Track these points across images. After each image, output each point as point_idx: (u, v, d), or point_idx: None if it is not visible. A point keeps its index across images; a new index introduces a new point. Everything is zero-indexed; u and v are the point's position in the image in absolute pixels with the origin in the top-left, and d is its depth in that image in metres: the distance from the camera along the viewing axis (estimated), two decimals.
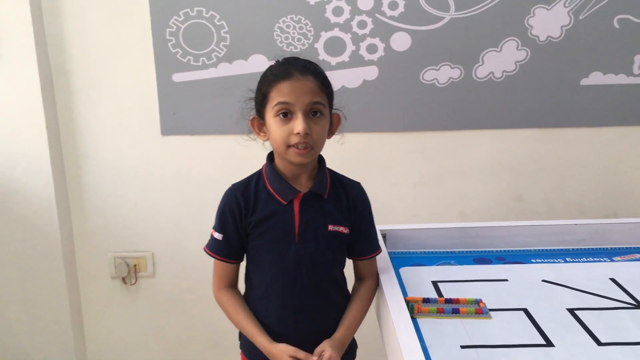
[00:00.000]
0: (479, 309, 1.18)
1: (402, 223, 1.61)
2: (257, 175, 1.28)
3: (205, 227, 2.06)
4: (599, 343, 1.07)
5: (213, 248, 1.29)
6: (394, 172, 2.05)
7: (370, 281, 1.32)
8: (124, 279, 2.14)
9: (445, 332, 1.12)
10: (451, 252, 1.54)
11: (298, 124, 1.14)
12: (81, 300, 2.18)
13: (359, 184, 1.33)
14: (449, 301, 1.20)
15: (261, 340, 1.23)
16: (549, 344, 1.07)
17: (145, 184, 2.06)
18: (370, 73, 1.93)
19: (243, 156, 2.02)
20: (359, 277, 1.35)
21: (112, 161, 2.04)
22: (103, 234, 2.11)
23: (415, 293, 1.27)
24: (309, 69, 1.18)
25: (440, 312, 1.17)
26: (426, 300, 1.20)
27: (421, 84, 1.94)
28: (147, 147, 2.02)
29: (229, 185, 1.30)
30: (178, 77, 1.95)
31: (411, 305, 1.16)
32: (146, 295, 2.17)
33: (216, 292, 1.31)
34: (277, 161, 1.26)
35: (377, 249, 1.33)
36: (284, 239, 1.24)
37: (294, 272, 1.24)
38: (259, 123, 1.24)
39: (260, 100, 1.21)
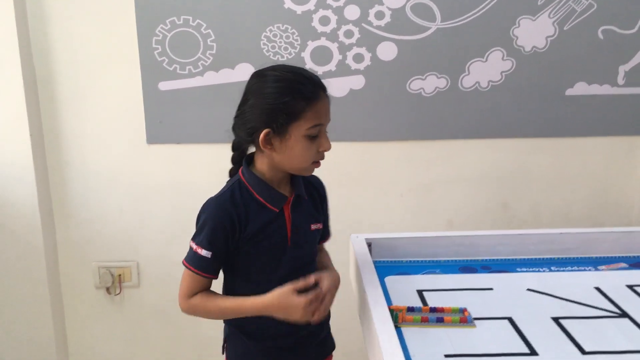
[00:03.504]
0: (463, 318, 1.17)
1: (390, 232, 1.60)
2: (238, 185, 1.22)
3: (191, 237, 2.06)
4: (583, 352, 1.07)
5: (197, 265, 1.20)
6: (381, 181, 2.04)
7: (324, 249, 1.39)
8: (108, 289, 2.11)
9: (430, 341, 1.11)
10: (437, 261, 1.53)
11: (326, 143, 1.18)
12: (64, 310, 2.15)
13: (318, 177, 1.34)
14: (433, 310, 1.19)
15: (253, 302, 1.18)
16: (533, 353, 1.07)
17: (131, 192, 2.04)
18: (357, 82, 1.93)
19: (229, 164, 2.02)
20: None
21: (97, 170, 2.02)
22: (87, 244, 2.09)
23: (400, 302, 1.26)
24: (324, 86, 1.19)
25: (425, 321, 1.16)
26: (410, 309, 1.19)
27: (408, 93, 1.95)
28: (132, 155, 2.01)
29: (215, 193, 1.26)
30: (164, 86, 1.94)
31: (395, 314, 1.15)
32: (131, 306, 2.15)
33: (185, 302, 1.23)
34: (263, 169, 1.22)
35: (330, 234, 1.39)
36: (279, 245, 1.22)
37: (288, 275, 1.22)
38: (270, 136, 1.16)
39: (287, 116, 1.13)
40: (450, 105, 1.96)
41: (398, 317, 1.15)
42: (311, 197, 1.30)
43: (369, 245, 1.49)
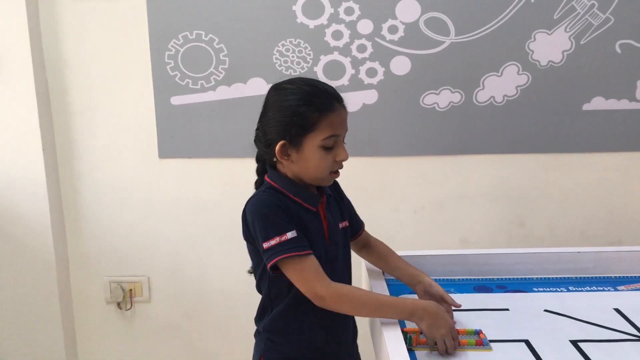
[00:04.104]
0: (479, 341, 1.14)
1: (403, 249, 1.57)
2: (270, 192, 1.20)
3: (203, 252, 2.06)
4: None
5: (296, 247, 1.12)
6: (395, 197, 2.02)
7: (378, 240, 1.43)
8: (119, 304, 2.10)
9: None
10: (451, 279, 1.50)
11: (343, 153, 1.19)
12: (75, 325, 2.14)
13: None
14: None
15: (414, 301, 1.15)
16: None
17: (142, 207, 2.04)
18: (370, 97, 1.92)
19: (242, 180, 2.00)
20: (366, 245, 1.42)
21: (109, 184, 2.02)
22: (98, 258, 2.08)
23: (412, 324, 1.23)
24: (340, 96, 1.20)
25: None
26: None
27: (421, 108, 1.93)
28: (144, 170, 2.01)
29: (227, 209, 1.23)
30: (176, 100, 1.93)
31: (409, 336, 1.12)
32: (142, 321, 2.13)
33: (326, 286, 1.12)
34: (290, 176, 1.21)
35: (362, 222, 1.41)
36: (320, 243, 1.21)
37: (335, 274, 1.20)
38: (286, 147, 1.17)
39: (301, 128, 1.15)
40: (465, 120, 1.93)
41: (412, 340, 1.12)
42: (333, 197, 1.31)
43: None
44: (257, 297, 2.07)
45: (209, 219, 2.04)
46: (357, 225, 1.38)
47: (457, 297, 1.39)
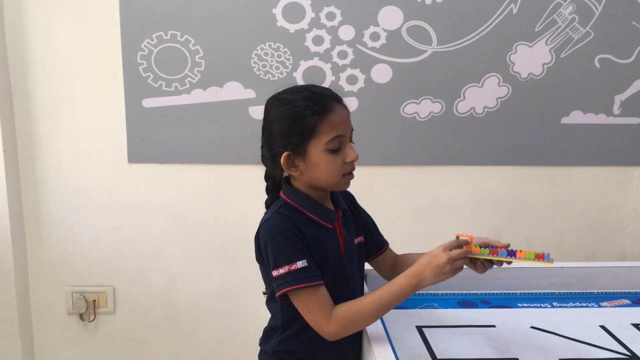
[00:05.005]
0: (539, 255, 1.10)
1: None
2: (285, 207, 1.15)
3: (172, 262, 1.98)
4: None
5: (306, 278, 1.08)
6: (373, 207, 1.95)
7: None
8: (81, 316, 2.00)
9: None
10: (434, 293, 1.46)
11: (352, 153, 1.14)
12: (34, 337, 2.04)
13: (347, 190, 1.29)
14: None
15: (406, 274, 1.11)
16: None
17: (109, 213, 1.95)
18: (350, 105, 1.85)
19: (215, 187, 1.95)
20: (396, 264, 1.35)
21: (74, 188, 1.93)
22: (61, 266, 1.98)
23: (400, 340, 1.19)
24: (338, 97, 1.17)
25: (494, 254, 1.12)
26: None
27: (402, 117, 1.90)
28: (112, 174, 1.92)
29: (199, 217, 1.17)
30: (148, 103, 1.86)
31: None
32: (106, 334, 2.04)
33: (330, 322, 1.09)
34: (305, 189, 1.17)
35: (386, 241, 1.37)
36: (337, 261, 1.17)
37: (345, 293, 1.18)
38: (291, 158, 1.13)
39: (302, 135, 1.10)
40: (445, 131, 1.91)
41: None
42: (349, 212, 1.26)
43: (365, 277, 1.41)
44: (227, 310, 2.02)
45: (179, 227, 1.97)
46: (378, 241, 1.33)
47: (442, 313, 1.36)
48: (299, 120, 1.10)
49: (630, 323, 1.32)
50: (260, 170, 1.23)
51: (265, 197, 1.25)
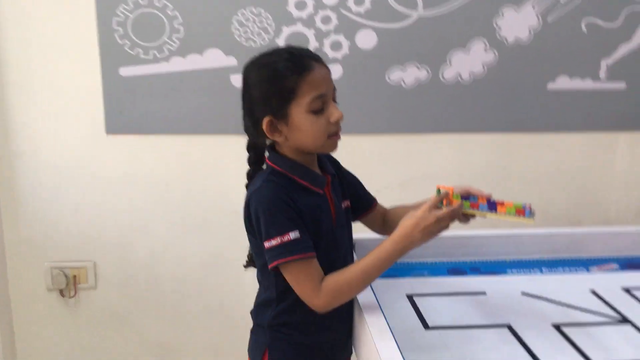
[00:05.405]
0: (520, 210, 1.11)
1: (368, 231, 1.51)
2: (274, 175, 1.12)
3: (154, 235, 1.94)
4: None
5: (297, 249, 1.06)
6: (358, 176, 1.94)
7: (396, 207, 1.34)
8: (61, 292, 1.96)
9: (433, 347, 1.03)
10: (424, 262, 1.45)
11: (335, 112, 1.10)
12: (13, 315, 1.98)
13: (331, 155, 1.26)
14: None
15: (392, 238, 1.09)
16: None
17: (88, 186, 1.89)
18: (335, 72, 1.81)
19: (197, 157, 1.90)
20: (386, 220, 1.33)
21: (51, 161, 1.86)
22: (39, 242, 1.93)
23: (390, 309, 1.17)
24: (317, 56, 1.12)
25: (474, 208, 1.14)
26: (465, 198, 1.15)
27: (387, 84, 1.85)
28: (90, 146, 1.86)
29: (181, 189, 1.12)
30: (125, 71, 1.79)
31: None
32: (87, 310, 1.99)
33: (319, 294, 1.08)
34: (292, 155, 1.13)
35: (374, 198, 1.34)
36: (329, 228, 1.15)
37: (337, 259, 1.16)
38: (274, 123, 1.09)
39: (282, 97, 1.07)
40: (430, 98, 1.88)
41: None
42: (336, 177, 1.24)
43: (353, 246, 1.39)
44: (212, 283, 1.98)
45: (161, 199, 1.92)
46: (366, 199, 1.31)
47: (433, 281, 1.35)
48: (278, 82, 1.06)
49: (620, 287, 1.32)
50: (243, 140, 1.19)
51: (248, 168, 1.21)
